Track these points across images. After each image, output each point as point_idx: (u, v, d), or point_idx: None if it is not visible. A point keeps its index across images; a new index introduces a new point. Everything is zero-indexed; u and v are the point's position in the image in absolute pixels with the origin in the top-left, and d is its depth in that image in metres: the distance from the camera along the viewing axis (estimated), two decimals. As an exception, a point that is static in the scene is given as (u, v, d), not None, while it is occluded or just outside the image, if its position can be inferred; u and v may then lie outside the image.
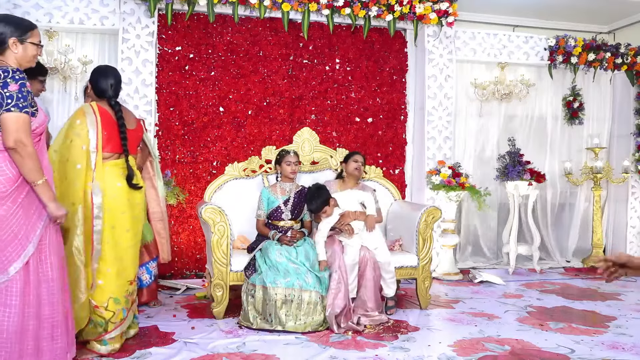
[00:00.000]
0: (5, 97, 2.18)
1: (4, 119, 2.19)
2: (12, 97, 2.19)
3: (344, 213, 3.78)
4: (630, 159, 6.03)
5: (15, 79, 2.21)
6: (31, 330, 2.30)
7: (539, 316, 3.82)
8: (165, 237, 4.07)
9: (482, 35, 5.82)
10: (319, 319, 3.41)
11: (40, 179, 2.31)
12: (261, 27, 5.21)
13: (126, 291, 2.97)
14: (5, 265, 2.24)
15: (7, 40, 2.31)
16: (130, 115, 3.14)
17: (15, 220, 2.27)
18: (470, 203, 5.91)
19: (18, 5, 4.66)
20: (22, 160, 2.24)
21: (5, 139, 2.21)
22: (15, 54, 2.34)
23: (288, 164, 3.92)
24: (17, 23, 2.37)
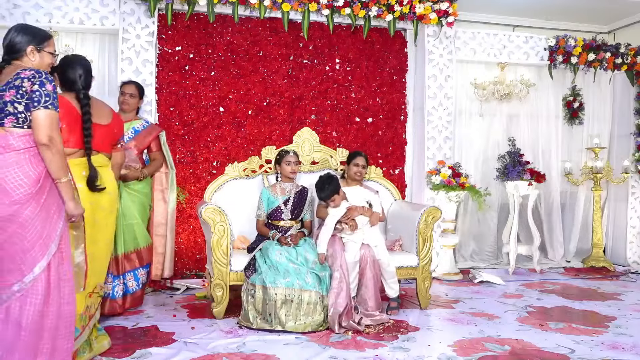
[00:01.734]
0: (43, 95, 2.28)
1: (39, 115, 2.28)
2: (49, 95, 2.30)
3: (350, 207, 3.79)
4: (630, 159, 6.03)
5: (49, 80, 2.33)
6: (51, 329, 2.31)
7: (539, 316, 3.82)
8: (163, 254, 4.07)
9: (482, 35, 5.82)
10: (319, 319, 3.41)
11: (65, 177, 2.37)
12: (261, 27, 5.21)
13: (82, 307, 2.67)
14: (31, 265, 2.27)
15: (26, 49, 2.42)
16: (105, 110, 2.93)
17: (39, 220, 2.30)
18: (470, 203, 5.91)
19: (18, 5, 4.66)
20: (52, 156, 2.31)
21: (38, 135, 2.28)
22: (32, 61, 2.44)
23: (288, 164, 3.92)
24: (35, 32, 2.48)
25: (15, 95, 2.27)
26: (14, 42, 2.42)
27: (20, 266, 2.25)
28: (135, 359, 2.85)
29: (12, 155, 2.27)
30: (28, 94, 2.28)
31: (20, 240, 2.26)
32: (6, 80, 2.31)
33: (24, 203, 2.26)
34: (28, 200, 2.27)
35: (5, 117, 2.28)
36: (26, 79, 2.28)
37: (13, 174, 2.26)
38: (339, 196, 3.76)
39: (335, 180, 3.82)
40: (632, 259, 6.10)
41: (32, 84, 2.28)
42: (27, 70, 2.31)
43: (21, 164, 2.28)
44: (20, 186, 2.26)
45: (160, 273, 4.07)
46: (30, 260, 2.26)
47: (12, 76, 2.30)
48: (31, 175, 2.29)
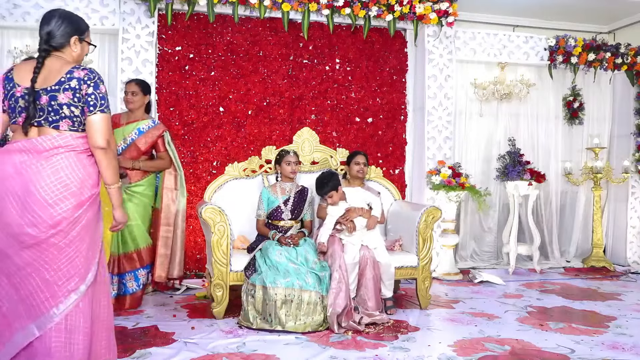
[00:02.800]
0: (99, 99, 2.20)
1: (95, 120, 2.19)
2: (104, 98, 2.21)
3: (349, 208, 3.80)
4: (630, 159, 6.03)
5: (102, 81, 2.24)
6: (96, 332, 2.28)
7: (539, 316, 3.82)
8: (168, 255, 4.05)
9: (482, 35, 5.82)
10: (319, 319, 3.41)
11: (118, 183, 2.31)
12: (261, 27, 5.21)
13: None
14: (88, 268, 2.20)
15: (70, 39, 2.28)
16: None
17: (95, 223, 2.26)
18: (471, 203, 5.91)
19: (18, 5, 4.66)
20: (108, 160, 2.23)
21: (97, 138, 2.18)
22: (74, 52, 2.31)
23: (288, 164, 3.92)
24: (78, 21, 2.34)
25: (72, 99, 2.17)
26: (58, 32, 2.25)
27: (80, 270, 2.17)
28: (135, 359, 2.84)
29: (72, 155, 2.18)
30: (84, 97, 2.18)
31: (81, 243, 2.18)
32: (56, 78, 2.17)
33: (90, 205, 2.21)
34: (92, 203, 2.22)
35: (61, 119, 2.18)
36: (82, 81, 2.17)
37: (78, 174, 2.18)
38: (337, 194, 3.77)
39: (336, 177, 3.84)
40: (632, 259, 6.09)
41: (88, 87, 2.17)
42: (79, 69, 2.19)
43: (84, 164, 2.21)
44: (86, 187, 2.19)
45: (165, 274, 4.05)
46: (88, 263, 2.20)
47: (64, 75, 2.17)
48: (94, 176, 2.24)
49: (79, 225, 2.16)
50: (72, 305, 2.14)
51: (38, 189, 2.10)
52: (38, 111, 2.15)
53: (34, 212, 2.09)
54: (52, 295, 2.12)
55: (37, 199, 2.09)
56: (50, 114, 2.16)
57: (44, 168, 2.12)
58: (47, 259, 2.11)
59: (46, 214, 2.09)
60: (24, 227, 2.09)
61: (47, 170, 2.12)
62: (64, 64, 2.21)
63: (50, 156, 2.13)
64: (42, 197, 2.10)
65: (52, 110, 2.16)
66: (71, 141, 2.17)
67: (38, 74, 2.17)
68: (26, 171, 2.11)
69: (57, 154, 2.14)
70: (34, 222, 2.09)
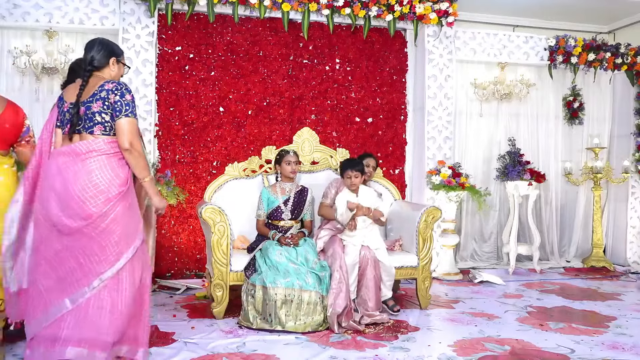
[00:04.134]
0: (124, 105, 2.55)
1: (123, 123, 2.55)
2: (129, 105, 2.58)
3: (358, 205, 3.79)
4: (630, 159, 6.03)
5: (128, 91, 2.61)
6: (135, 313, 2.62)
7: (539, 316, 3.82)
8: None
9: (482, 35, 5.82)
10: (319, 319, 3.41)
11: (148, 176, 2.67)
12: (261, 27, 5.21)
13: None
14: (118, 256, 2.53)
15: (109, 60, 2.69)
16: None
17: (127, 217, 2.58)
18: (471, 203, 5.92)
19: (18, 5, 4.66)
20: (135, 159, 2.60)
21: (122, 141, 2.55)
22: (112, 71, 2.71)
23: (288, 164, 3.92)
24: (114, 47, 2.75)
25: (102, 107, 2.55)
26: (98, 56, 2.67)
27: (109, 257, 2.52)
28: (135, 359, 2.85)
29: (103, 158, 2.54)
30: (112, 104, 2.55)
31: (111, 234, 2.52)
32: (92, 92, 2.56)
33: (118, 202, 2.54)
34: (120, 199, 2.55)
35: (94, 125, 2.55)
36: (110, 92, 2.55)
37: (107, 175, 2.53)
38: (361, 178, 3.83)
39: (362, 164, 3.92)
40: (632, 259, 6.09)
41: (115, 95, 2.55)
42: (109, 83, 2.58)
43: (113, 165, 2.56)
44: (113, 186, 2.54)
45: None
46: (117, 251, 2.54)
47: (96, 88, 2.56)
48: (121, 176, 2.58)
49: (108, 218, 2.52)
50: (101, 286, 2.50)
51: (74, 188, 2.48)
52: (78, 120, 2.56)
53: (70, 207, 2.48)
54: (84, 275, 2.50)
55: (73, 197, 2.48)
56: (86, 122, 2.56)
57: (80, 170, 2.51)
58: (81, 245, 2.50)
59: (79, 209, 2.48)
60: (62, 218, 2.49)
61: (82, 172, 2.50)
62: (99, 81, 2.61)
63: (85, 159, 2.52)
64: (77, 195, 2.48)
65: (87, 118, 2.55)
66: (103, 145, 2.55)
67: (83, 91, 2.59)
68: (66, 172, 2.51)
69: (90, 157, 2.53)
70: (70, 215, 2.49)
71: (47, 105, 4.92)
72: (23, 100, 4.86)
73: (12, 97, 4.77)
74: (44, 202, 2.55)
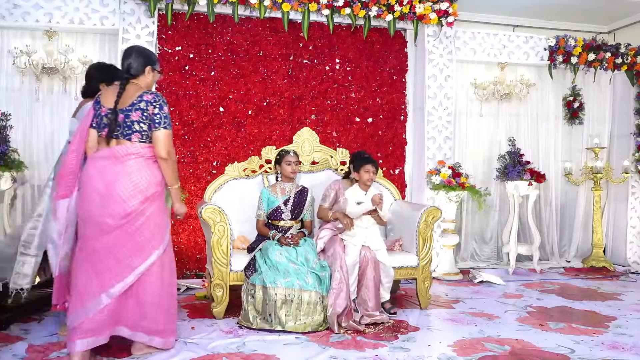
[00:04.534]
0: (163, 117, 2.76)
1: (160, 134, 2.76)
2: (167, 117, 2.78)
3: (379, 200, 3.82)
4: (630, 159, 6.03)
5: (165, 103, 2.80)
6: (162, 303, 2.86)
7: (539, 316, 3.82)
8: None
9: (482, 35, 5.82)
10: (319, 319, 3.41)
11: (177, 183, 2.91)
12: (261, 27, 5.21)
13: None
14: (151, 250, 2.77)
15: (145, 68, 2.85)
16: None
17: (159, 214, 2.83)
18: (471, 203, 5.92)
19: (18, 5, 4.66)
20: (169, 167, 2.83)
21: (159, 150, 2.77)
22: (147, 79, 2.88)
23: (288, 164, 3.92)
24: (150, 55, 2.92)
25: (141, 117, 2.74)
26: (135, 64, 2.82)
27: (144, 251, 2.75)
28: (136, 358, 2.85)
29: (141, 160, 2.75)
30: (150, 116, 2.74)
31: (146, 231, 2.75)
32: (131, 100, 2.74)
33: (153, 200, 2.78)
34: (155, 198, 2.79)
35: (133, 133, 2.74)
36: (149, 103, 2.74)
37: (145, 175, 2.75)
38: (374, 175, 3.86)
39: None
40: (632, 259, 6.09)
41: (154, 108, 2.74)
42: (148, 94, 2.76)
43: (150, 167, 2.78)
44: (151, 185, 2.76)
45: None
46: (150, 247, 2.76)
47: (135, 98, 2.74)
48: (157, 177, 2.81)
49: (144, 216, 2.74)
50: (135, 279, 2.72)
51: (115, 188, 2.68)
52: (117, 127, 2.73)
53: (111, 207, 2.68)
54: (121, 270, 2.70)
55: (114, 196, 2.68)
56: (124, 129, 2.74)
57: (120, 171, 2.70)
58: (119, 243, 2.70)
59: (120, 208, 2.68)
60: (103, 217, 2.69)
61: (122, 173, 2.70)
62: (137, 90, 2.78)
63: (125, 161, 2.72)
64: (118, 194, 2.68)
65: (126, 125, 2.73)
66: (140, 149, 2.75)
67: (120, 98, 2.75)
68: (106, 173, 2.70)
69: (129, 159, 2.72)
70: (111, 214, 2.68)
71: (47, 105, 4.93)
72: (23, 100, 4.87)
73: (12, 97, 4.84)
74: (86, 203, 2.74)
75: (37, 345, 3.01)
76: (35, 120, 4.92)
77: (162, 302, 2.84)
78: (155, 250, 2.78)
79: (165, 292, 2.86)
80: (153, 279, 2.79)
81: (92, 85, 3.26)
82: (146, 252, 2.76)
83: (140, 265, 2.73)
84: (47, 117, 4.94)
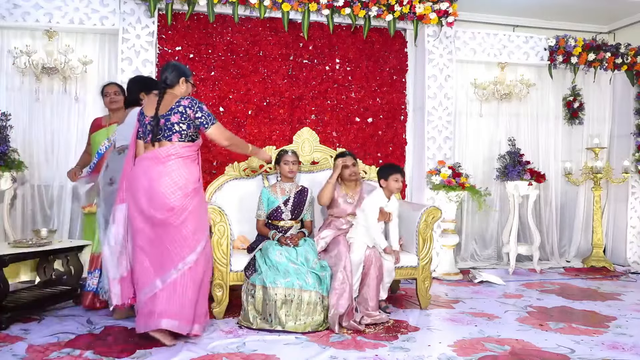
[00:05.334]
0: (206, 116, 3.10)
1: (212, 131, 3.13)
2: (209, 115, 3.12)
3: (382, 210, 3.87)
4: (630, 159, 6.03)
5: (202, 104, 3.12)
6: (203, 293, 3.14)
7: (539, 316, 3.82)
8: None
9: (482, 35, 5.82)
10: (319, 319, 3.41)
11: (249, 149, 3.52)
12: (261, 27, 5.21)
13: None
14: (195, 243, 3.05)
15: (179, 79, 3.16)
16: None
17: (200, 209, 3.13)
18: (471, 203, 5.92)
19: (18, 5, 4.66)
20: (236, 148, 3.40)
21: (221, 142, 3.21)
22: (182, 89, 3.18)
23: (286, 164, 3.92)
24: (184, 69, 3.22)
25: (180, 119, 3.05)
26: (171, 77, 3.14)
27: (190, 243, 3.03)
28: (135, 359, 2.84)
29: (180, 160, 3.04)
30: (191, 119, 3.07)
31: (190, 223, 3.03)
32: (169, 106, 3.05)
33: (193, 196, 3.06)
34: (195, 194, 3.07)
35: (173, 134, 3.05)
36: (187, 107, 3.05)
37: (184, 174, 3.04)
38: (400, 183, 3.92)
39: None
40: (632, 259, 6.09)
41: (194, 112, 3.06)
42: (184, 99, 3.07)
43: (188, 166, 3.07)
44: (190, 183, 3.05)
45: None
46: (196, 238, 3.05)
47: (174, 103, 3.06)
48: (195, 174, 3.10)
49: (187, 211, 3.03)
50: (185, 268, 3.00)
51: (158, 185, 2.99)
52: (159, 130, 3.05)
53: (156, 201, 2.99)
54: (171, 259, 3.00)
55: (158, 192, 2.99)
56: (165, 131, 3.06)
57: (162, 170, 3.01)
58: (168, 234, 3.00)
59: (163, 203, 2.99)
60: (151, 211, 3.00)
61: (164, 172, 3.00)
62: (174, 97, 3.10)
63: (165, 162, 3.02)
64: (161, 190, 2.99)
65: (167, 128, 3.05)
66: (179, 150, 3.05)
67: (159, 105, 3.08)
68: (150, 172, 3.01)
69: (170, 160, 3.03)
70: (156, 208, 2.99)
71: (47, 105, 4.93)
72: (23, 100, 4.87)
73: (12, 97, 4.85)
74: (136, 199, 3.04)
75: (37, 345, 3.00)
76: (35, 120, 4.92)
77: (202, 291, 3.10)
78: (201, 242, 3.07)
79: (205, 282, 3.13)
80: (200, 268, 3.06)
81: (133, 96, 3.64)
82: (193, 243, 3.04)
83: (189, 255, 3.01)
84: (47, 117, 4.94)
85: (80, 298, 3.85)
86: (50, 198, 4.94)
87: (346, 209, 3.94)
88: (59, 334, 3.20)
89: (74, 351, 2.91)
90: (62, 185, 4.91)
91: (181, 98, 3.09)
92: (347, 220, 3.93)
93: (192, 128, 3.10)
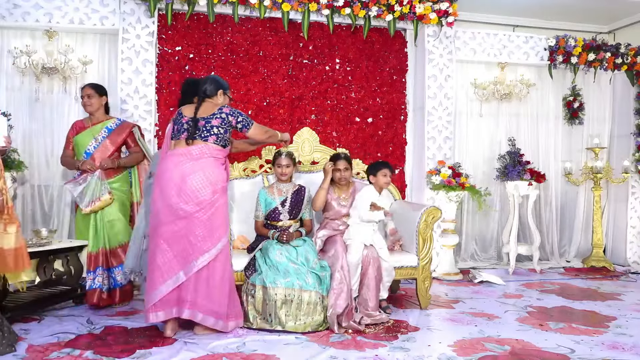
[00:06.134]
0: (244, 120, 3.40)
1: (253, 129, 3.45)
2: (246, 117, 3.42)
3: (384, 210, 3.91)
4: (630, 159, 6.03)
5: (240, 111, 3.40)
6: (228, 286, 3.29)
7: (539, 316, 3.82)
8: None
9: (482, 35, 5.82)
10: (319, 319, 3.41)
11: (278, 135, 3.75)
12: (261, 27, 5.21)
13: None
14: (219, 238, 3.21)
15: (217, 92, 3.45)
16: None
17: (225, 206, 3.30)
18: (471, 203, 5.92)
19: (18, 5, 4.66)
20: (270, 138, 3.67)
21: (260, 138, 3.59)
22: (219, 100, 3.46)
23: (279, 167, 3.94)
24: (222, 82, 3.52)
25: (221, 123, 3.32)
26: (210, 88, 3.43)
27: (213, 238, 3.18)
28: (135, 359, 2.85)
29: (212, 160, 3.26)
30: (232, 125, 3.37)
31: (215, 219, 3.20)
32: (210, 112, 3.33)
33: (221, 194, 3.26)
34: (222, 193, 3.27)
35: (210, 135, 3.29)
36: (229, 114, 3.34)
37: (214, 171, 3.24)
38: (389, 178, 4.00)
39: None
40: (632, 259, 6.09)
41: (235, 118, 3.36)
42: (226, 108, 3.37)
43: (218, 166, 3.28)
44: (219, 181, 3.25)
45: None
46: (218, 235, 3.21)
47: (216, 110, 3.34)
48: (223, 175, 3.32)
49: (214, 207, 3.20)
50: (207, 261, 3.15)
51: (190, 179, 3.16)
52: (196, 130, 3.28)
53: (186, 195, 3.15)
54: (194, 252, 3.14)
55: (189, 185, 3.16)
56: (203, 132, 3.29)
57: (194, 165, 3.20)
58: (193, 227, 3.15)
59: (194, 196, 3.15)
60: (179, 204, 3.15)
61: (196, 167, 3.20)
62: (213, 106, 3.39)
63: (198, 158, 3.22)
64: (192, 185, 3.16)
65: (205, 129, 3.29)
66: (213, 151, 3.28)
67: (198, 109, 3.35)
68: (182, 166, 3.18)
69: (203, 157, 3.23)
70: (186, 201, 3.15)
71: (47, 105, 4.93)
72: (23, 100, 4.87)
73: (12, 97, 4.84)
74: (164, 192, 3.18)
75: (37, 345, 3.01)
76: (35, 120, 4.92)
77: (224, 286, 3.22)
78: (222, 238, 3.22)
79: (227, 277, 3.25)
80: (219, 264, 3.20)
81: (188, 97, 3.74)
82: (215, 238, 3.18)
83: (211, 249, 3.16)
84: (47, 117, 4.94)
85: (83, 297, 3.86)
86: (50, 198, 4.94)
87: (340, 211, 3.95)
88: (59, 334, 3.21)
89: (74, 351, 2.91)
90: (62, 185, 4.91)
91: (222, 106, 3.37)
92: (343, 222, 3.94)
93: (229, 133, 3.37)
